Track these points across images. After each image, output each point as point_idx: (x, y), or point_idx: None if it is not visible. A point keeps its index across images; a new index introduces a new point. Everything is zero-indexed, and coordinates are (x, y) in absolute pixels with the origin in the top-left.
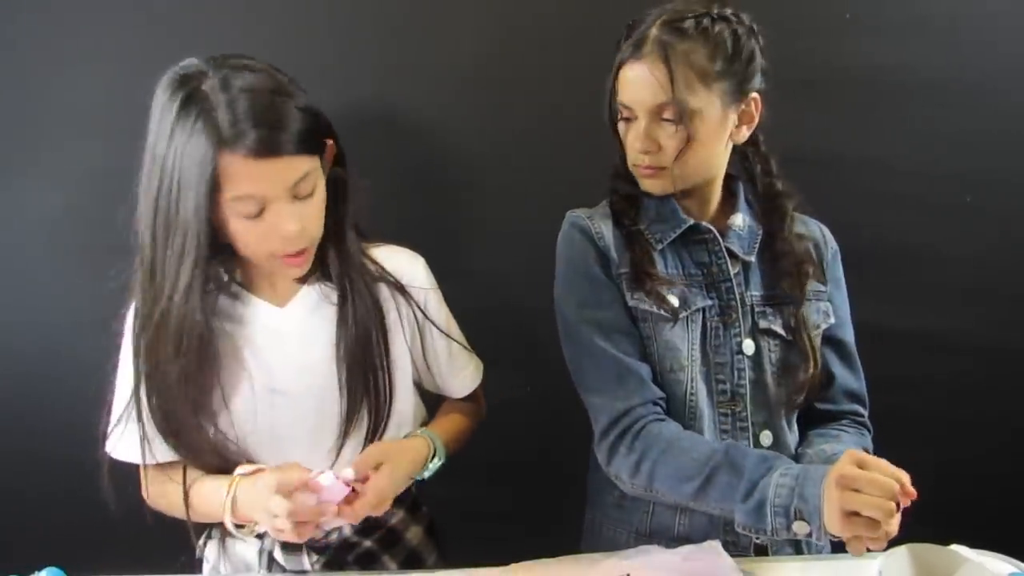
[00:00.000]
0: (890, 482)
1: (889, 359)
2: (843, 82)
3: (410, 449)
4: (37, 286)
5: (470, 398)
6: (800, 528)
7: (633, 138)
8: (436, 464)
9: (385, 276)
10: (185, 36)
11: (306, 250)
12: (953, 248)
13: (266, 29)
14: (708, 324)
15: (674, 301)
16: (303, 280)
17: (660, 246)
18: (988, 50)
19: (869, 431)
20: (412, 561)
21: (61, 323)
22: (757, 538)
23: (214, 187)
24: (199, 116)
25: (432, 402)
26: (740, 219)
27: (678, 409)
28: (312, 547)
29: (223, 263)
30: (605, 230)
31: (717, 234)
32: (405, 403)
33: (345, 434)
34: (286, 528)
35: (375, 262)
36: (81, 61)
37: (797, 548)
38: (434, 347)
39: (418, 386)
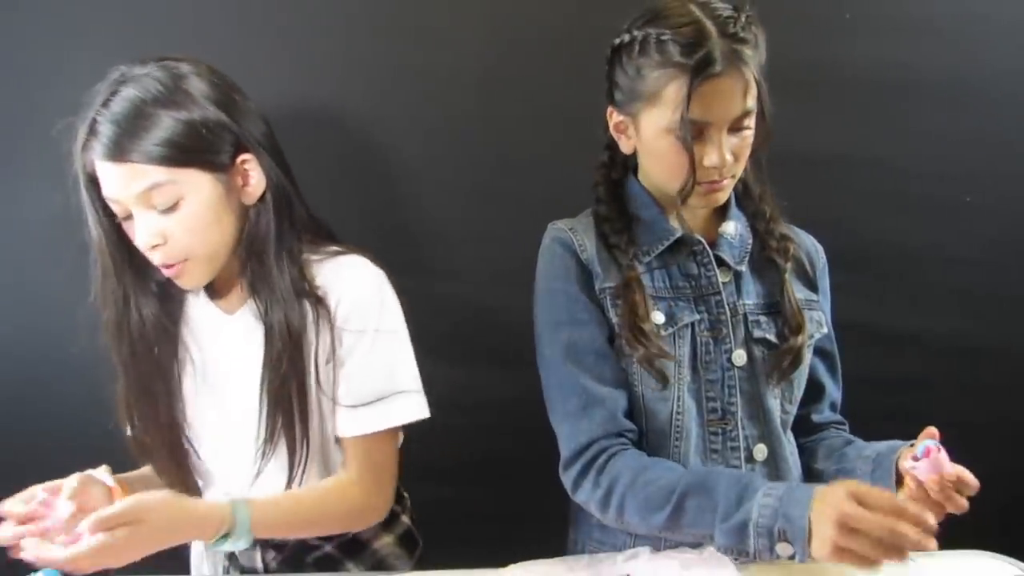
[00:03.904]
0: (892, 526)
1: (889, 359)
2: (843, 82)
3: (189, 516)
4: (37, 286)
5: (359, 462)
6: (783, 550)
7: (712, 152)
8: (228, 544)
9: (310, 291)
10: (185, 36)
11: (180, 264)
12: (953, 248)
13: (265, 30)
14: (698, 339)
15: (660, 318)
16: (248, 292)
17: (647, 258)
18: (988, 50)
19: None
20: (380, 568)
21: (61, 324)
22: (737, 559)
23: (90, 187)
24: (86, 114)
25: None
26: (732, 227)
27: (663, 429)
28: (269, 543)
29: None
30: (588, 243)
31: (707, 246)
32: (328, 436)
33: (262, 455)
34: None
35: (305, 276)
36: (81, 61)
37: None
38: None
39: None
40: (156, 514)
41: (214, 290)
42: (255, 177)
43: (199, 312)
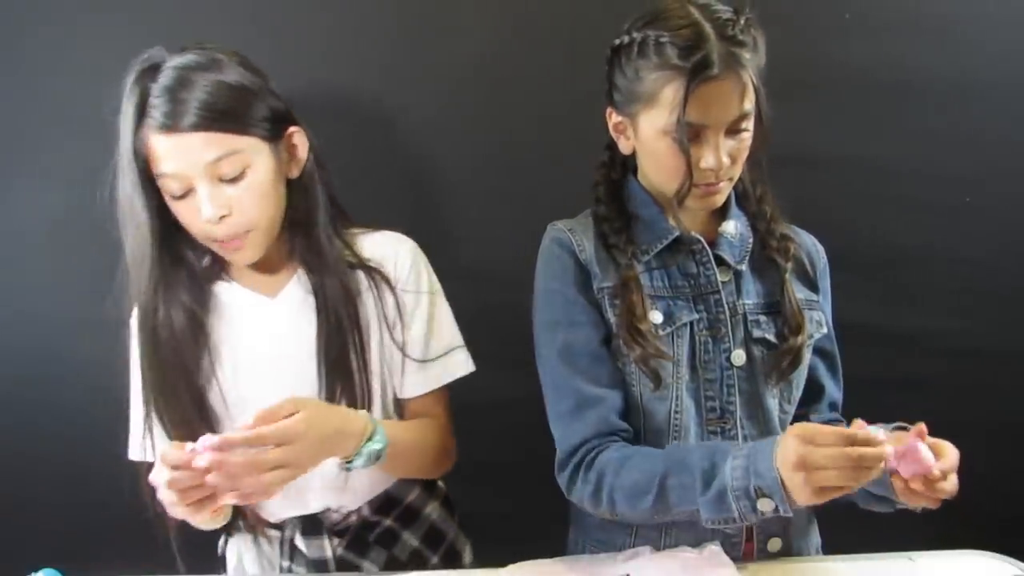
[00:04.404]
0: (848, 453)
1: (889, 359)
2: (843, 82)
3: (343, 415)
4: (37, 286)
5: (429, 415)
6: (765, 506)
7: (708, 154)
8: (371, 448)
9: (363, 264)
10: (185, 36)
11: (243, 237)
12: (953, 248)
13: (264, 29)
14: (696, 339)
15: (658, 317)
16: (292, 269)
17: (646, 257)
18: (988, 50)
19: None
20: (433, 536)
21: (61, 323)
22: (728, 529)
23: (144, 167)
24: (130, 96)
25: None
26: (732, 226)
27: (661, 429)
28: (332, 531)
29: (204, 253)
30: (587, 243)
31: (705, 245)
32: (388, 399)
33: None
34: (171, 499)
35: (353, 250)
36: (81, 61)
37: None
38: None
39: None
40: (314, 404)
41: (253, 274)
42: (302, 150)
43: (232, 299)
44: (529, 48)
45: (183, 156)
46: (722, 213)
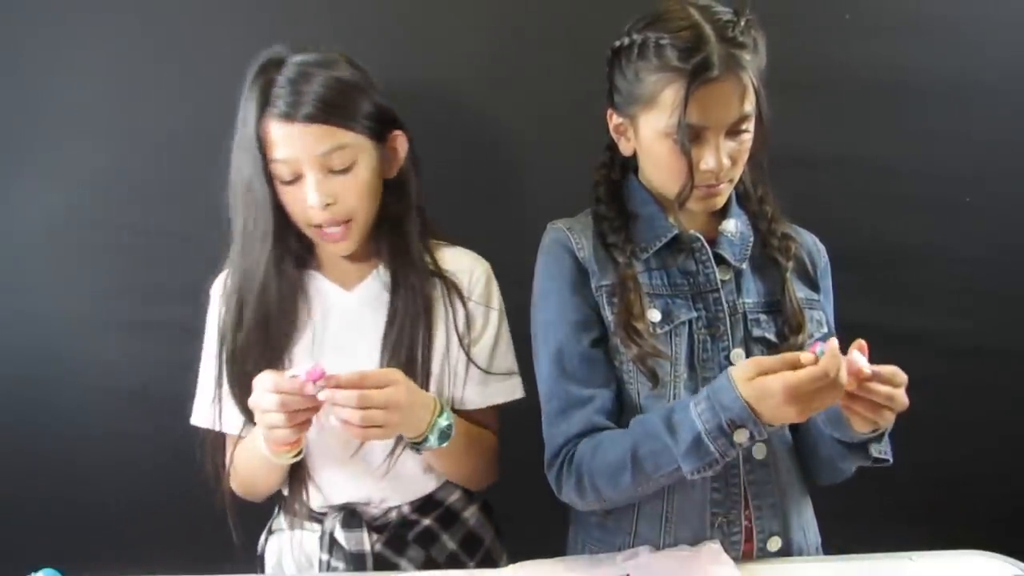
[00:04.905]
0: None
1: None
2: (843, 82)
3: (421, 393)
4: (37, 286)
5: (485, 422)
6: (741, 436)
7: (709, 156)
8: (441, 424)
9: (441, 272)
10: (184, 36)
11: (344, 226)
12: (953, 248)
13: (264, 28)
14: (695, 337)
15: (656, 316)
16: (371, 265)
17: (645, 256)
18: (988, 50)
19: None
20: (470, 541)
21: (61, 323)
22: (710, 473)
23: (263, 152)
24: (254, 86)
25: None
26: (732, 224)
27: None
28: (372, 526)
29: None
30: (586, 241)
31: (705, 243)
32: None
33: None
34: (279, 422)
35: (434, 258)
36: (81, 61)
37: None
38: (459, 355)
39: None
40: (405, 377)
41: (336, 266)
42: (402, 153)
43: (315, 287)
44: (529, 48)
45: (297, 144)
46: (722, 212)
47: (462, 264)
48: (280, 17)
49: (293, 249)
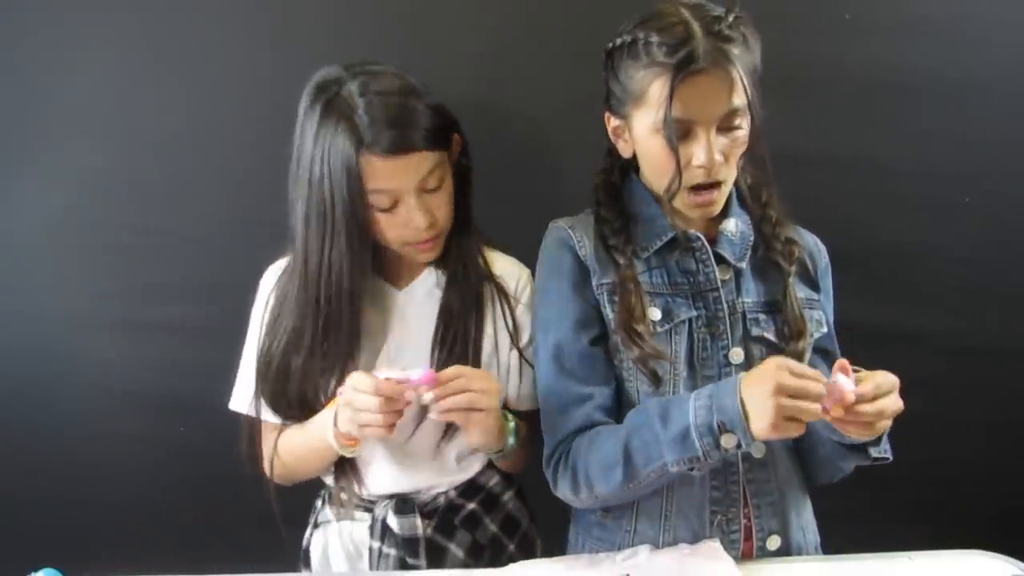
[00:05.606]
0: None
1: (888, 359)
2: (843, 82)
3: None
4: (36, 286)
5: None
6: (728, 441)
7: (699, 152)
8: (511, 424)
9: (493, 276)
10: (184, 36)
11: (437, 236)
12: (953, 248)
13: (263, 29)
14: (695, 336)
15: (656, 314)
16: (423, 266)
17: (645, 255)
18: (988, 50)
19: None
20: (509, 523)
21: (60, 323)
22: (692, 469)
23: (359, 183)
24: (340, 120)
25: None
26: (733, 224)
27: None
28: (422, 512)
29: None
30: (587, 240)
31: (705, 242)
32: None
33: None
34: (374, 422)
35: (487, 261)
36: (81, 61)
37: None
38: (510, 357)
39: None
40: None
41: (395, 267)
42: (456, 156)
43: (372, 287)
44: (529, 48)
45: (400, 176)
46: (723, 211)
47: (510, 269)
48: (280, 17)
49: (365, 260)
